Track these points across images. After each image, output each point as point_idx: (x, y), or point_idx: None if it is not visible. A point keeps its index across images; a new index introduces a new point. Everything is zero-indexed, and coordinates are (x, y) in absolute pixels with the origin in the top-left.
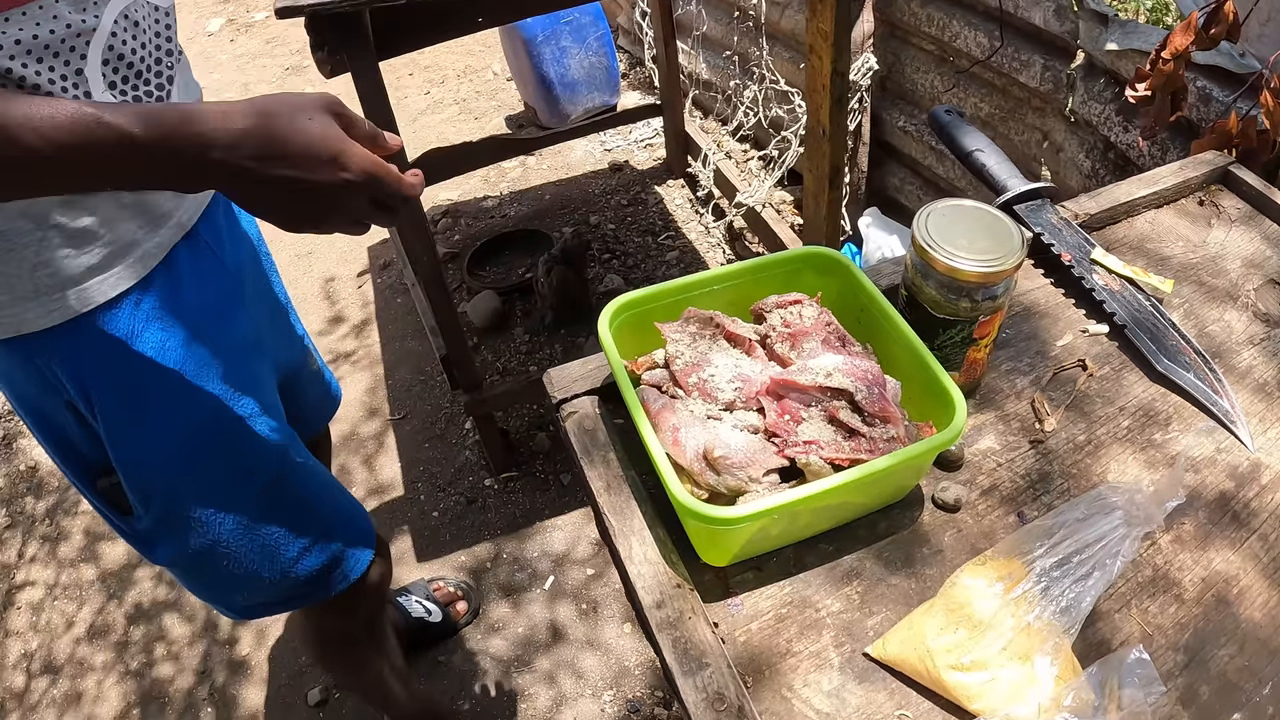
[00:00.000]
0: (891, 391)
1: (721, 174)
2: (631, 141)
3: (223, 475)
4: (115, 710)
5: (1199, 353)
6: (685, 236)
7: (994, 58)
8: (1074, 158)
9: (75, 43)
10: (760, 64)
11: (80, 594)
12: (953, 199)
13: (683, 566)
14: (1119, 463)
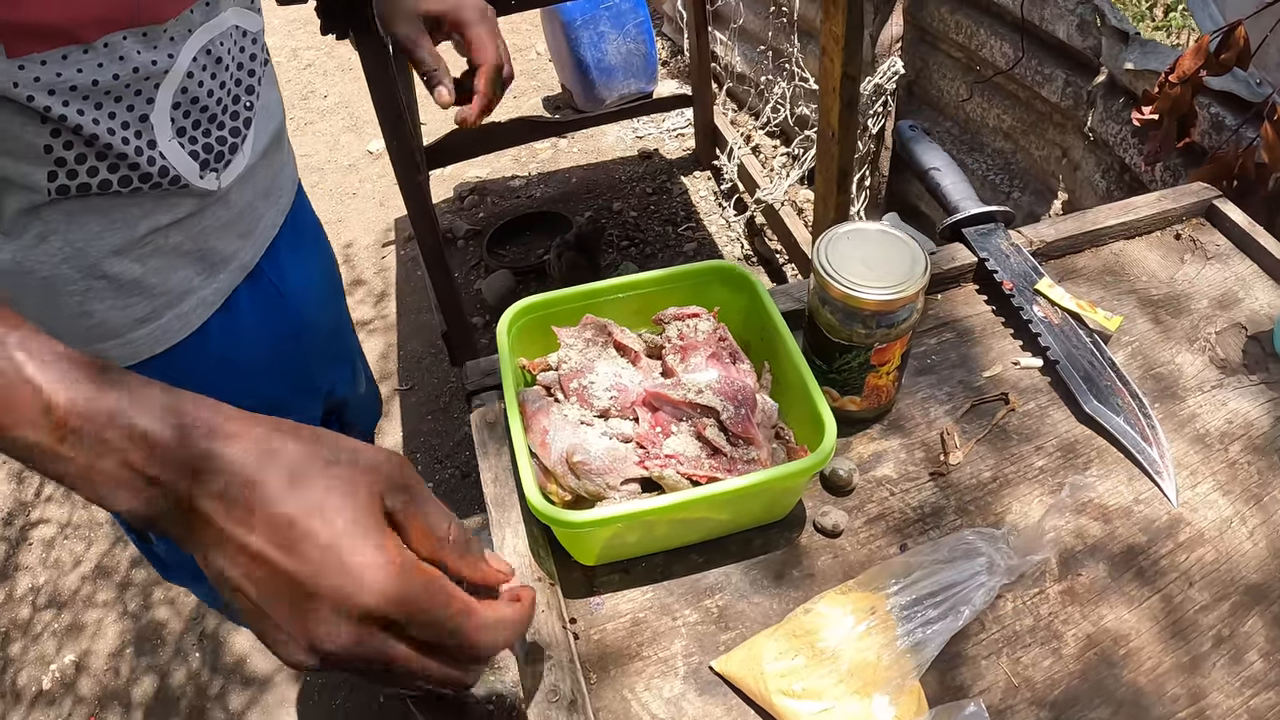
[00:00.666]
0: (760, 413)
1: (745, 168)
2: (663, 130)
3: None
4: (111, 646)
5: (1136, 396)
6: (706, 229)
7: (1018, 70)
8: (1090, 177)
9: (142, 86)
10: (792, 61)
11: (90, 535)
12: (859, 222)
13: (551, 562)
14: (1022, 504)
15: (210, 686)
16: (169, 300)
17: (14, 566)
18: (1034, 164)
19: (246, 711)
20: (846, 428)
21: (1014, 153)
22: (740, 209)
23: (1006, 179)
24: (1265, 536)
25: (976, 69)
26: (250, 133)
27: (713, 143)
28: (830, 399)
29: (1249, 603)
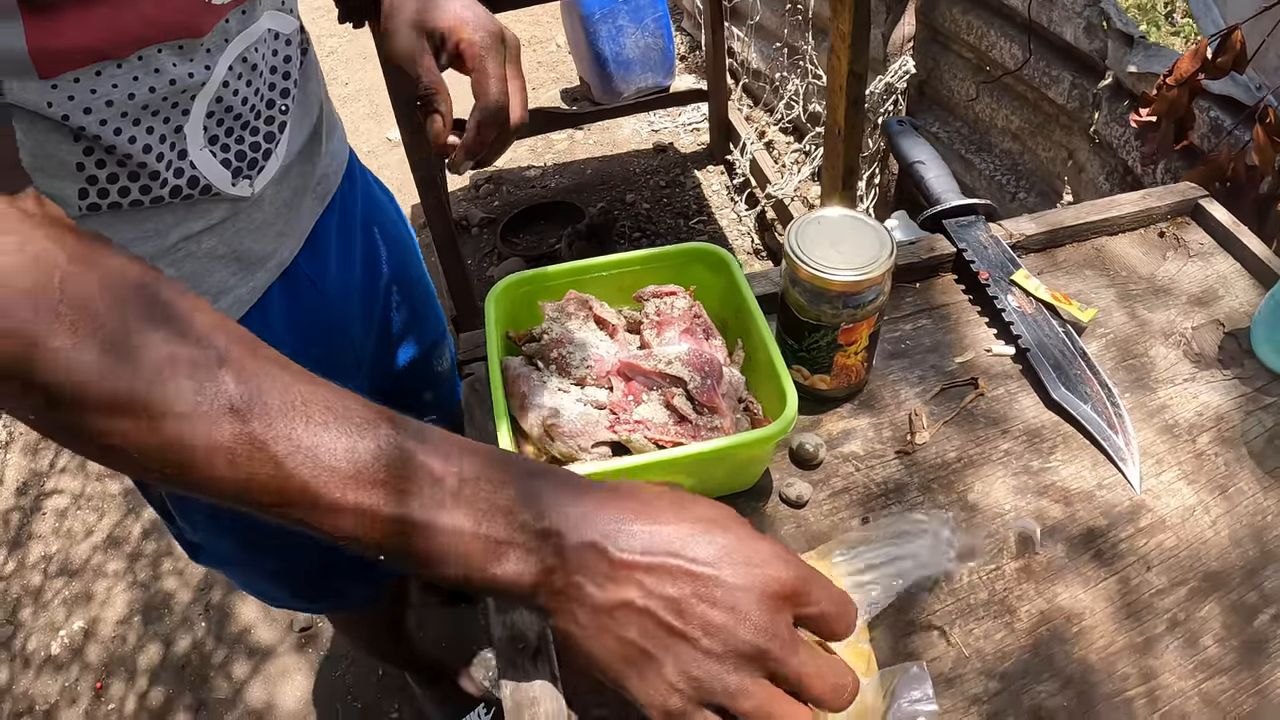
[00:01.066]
0: (726, 384)
1: (757, 163)
2: (679, 124)
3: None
4: (119, 614)
5: (1105, 385)
6: (717, 222)
7: (1026, 71)
8: (1094, 179)
9: (178, 99)
10: (806, 58)
11: (102, 506)
12: (831, 209)
13: None
14: (984, 483)
15: (214, 655)
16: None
17: (27, 535)
18: (1040, 165)
19: (249, 681)
20: (817, 406)
21: (1021, 154)
22: (752, 203)
23: (1013, 179)
24: (1228, 526)
25: (987, 70)
26: (285, 135)
27: (726, 137)
28: (801, 377)
29: (1207, 589)
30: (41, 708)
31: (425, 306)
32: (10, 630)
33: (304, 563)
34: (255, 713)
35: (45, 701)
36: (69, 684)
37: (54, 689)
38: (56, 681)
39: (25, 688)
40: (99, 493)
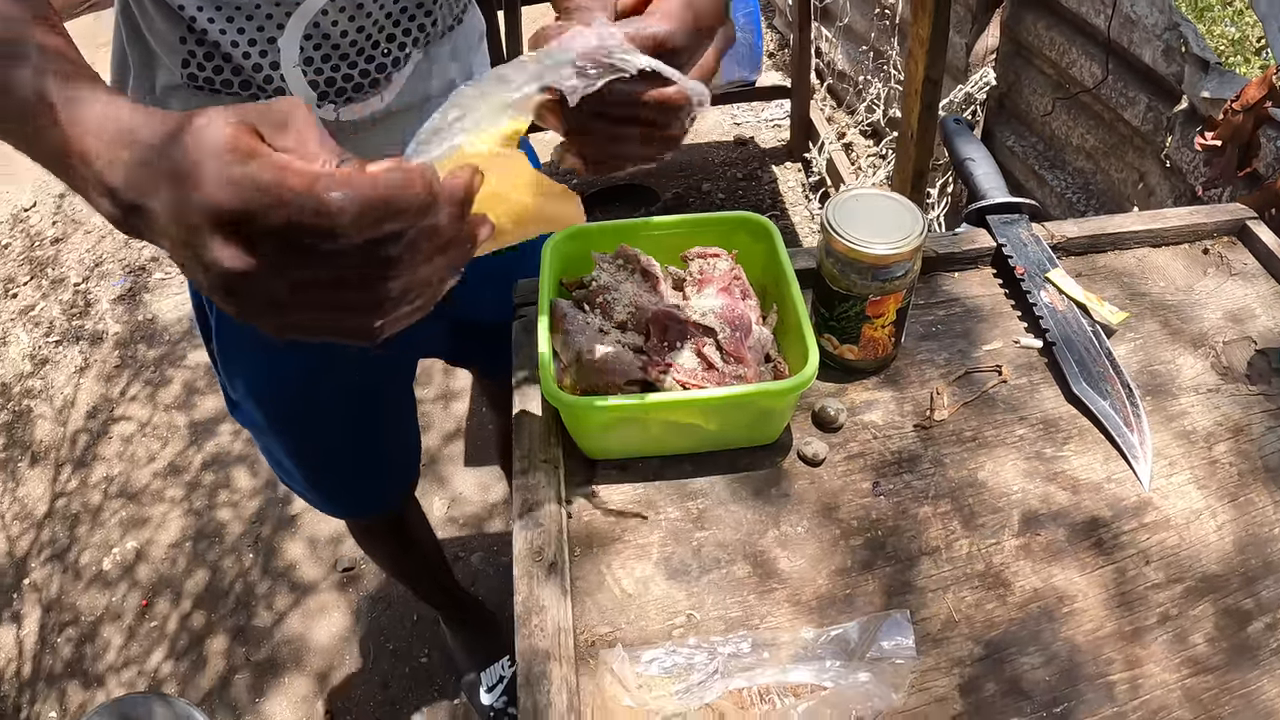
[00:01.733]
0: (754, 339)
1: (833, 164)
2: (761, 119)
3: (272, 415)
4: (172, 538)
5: (1126, 386)
6: (789, 219)
7: (1103, 90)
8: (1162, 204)
9: (273, 11)
10: (890, 62)
11: (166, 435)
12: (870, 188)
13: (559, 450)
14: (995, 463)
15: (258, 586)
16: None
17: (92, 456)
18: (1112, 186)
19: (289, 613)
20: (845, 375)
21: (1094, 173)
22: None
23: (1084, 198)
24: (1233, 533)
25: (1065, 87)
26: (392, 85)
27: (806, 136)
28: (830, 345)
29: (1203, 589)
30: (87, 620)
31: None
32: (66, 543)
33: (323, 455)
34: (290, 643)
35: (91, 614)
36: (116, 600)
37: (101, 603)
38: (104, 597)
39: (74, 599)
40: (165, 423)
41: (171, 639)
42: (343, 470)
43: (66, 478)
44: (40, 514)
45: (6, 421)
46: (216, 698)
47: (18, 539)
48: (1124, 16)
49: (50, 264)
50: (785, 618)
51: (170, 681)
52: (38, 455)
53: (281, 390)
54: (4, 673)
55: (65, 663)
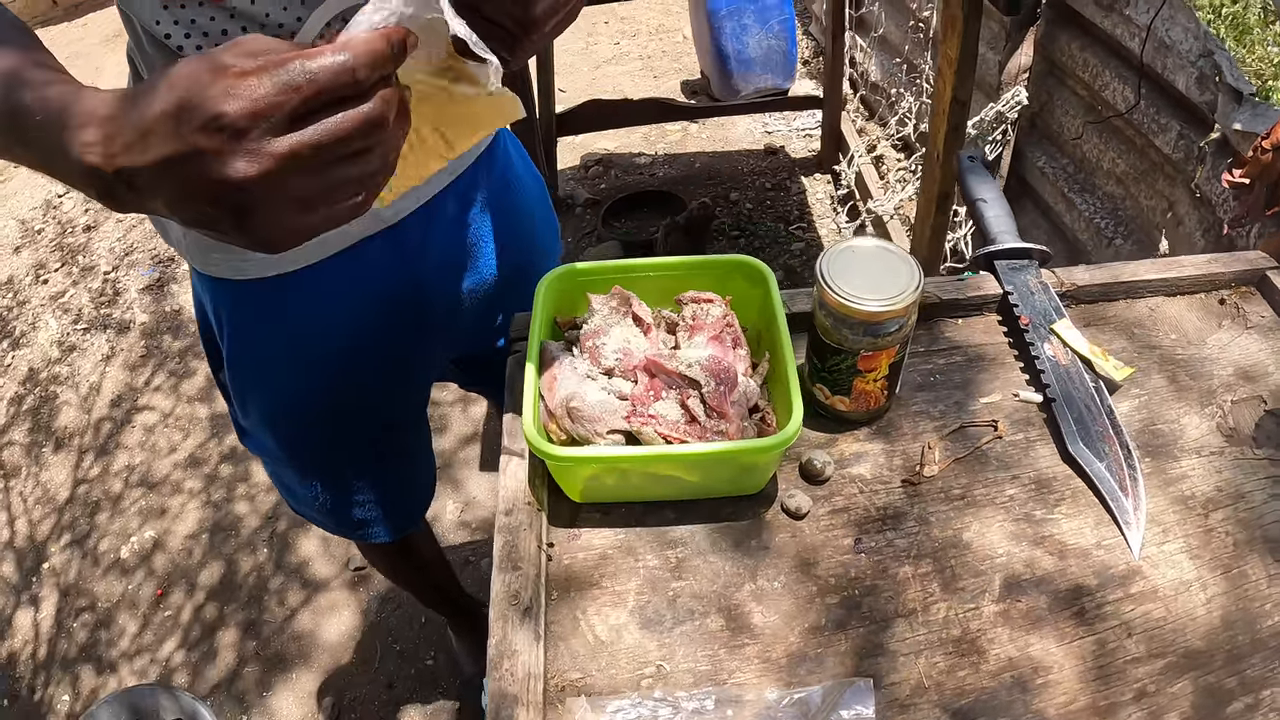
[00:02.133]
0: (739, 393)
1: (862, 177)
2: (792, 128)
3: (282, 440)
4: (189, 530)
5: (1125, 447)
6: (816, 231)
7: (1135, 115)
8: (1190, 234)
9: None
10: (923, 76)
11: (188, 427)
12: (867, 239)
13: (544, 492)
14: (982, 523)
15: (271, 580)
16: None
17: (115, 444)
18: (1141, 213)
19: (300, 609)
20: (836, 425)
21: (1123, 199)
22: (853, 216)
23: (1112, 224)
24: (1222, 607)
25: (1097, 109)
26: None
27: (837, 147)
28: (822, 395)
29: (1184, 666)
30: (103, 606)
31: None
32: (86, 530)
33: (336, 483)
34: (299, 639)
35: (108, 601)
36: (132, 588)
37: (117, 590)
38: (121, 584)
39: (91, 585)
40: (188, 414)
41: (184, 629)
42: (356, 498)
43: (89, 465)
44: (62, 499)
45: (33, 406)
46: (225, 690)
47: (39, 523)
48: (1158, 41)
49: (81, 251)
50: (754, 674)
51: (181, 671)
52: (62, 441)
53: (296, 416)
54: (21, 655)
55: (80, 648)
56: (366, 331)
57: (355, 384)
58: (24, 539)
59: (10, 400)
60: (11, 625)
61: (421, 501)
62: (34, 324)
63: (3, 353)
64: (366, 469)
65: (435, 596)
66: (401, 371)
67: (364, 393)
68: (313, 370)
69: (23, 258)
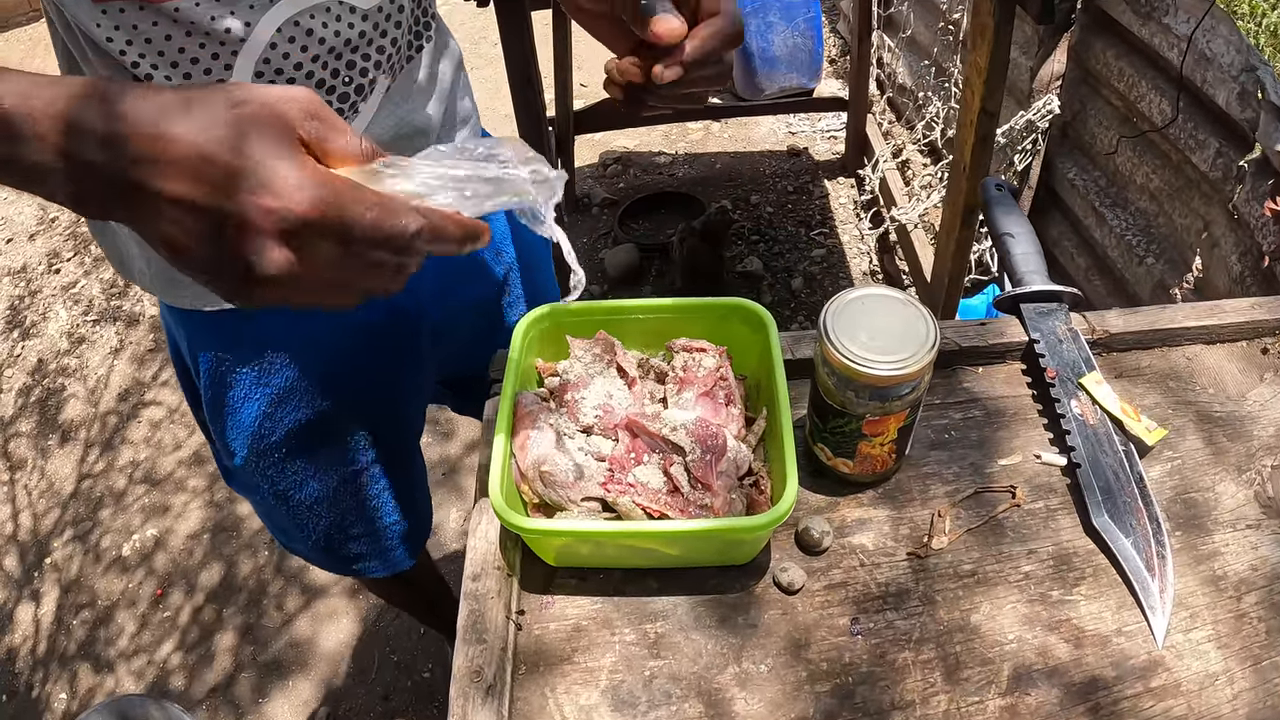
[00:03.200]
0: (728, 462)
1: (887, 182)
2: (817, 129)
3: (269, 477)
4: (191, 529)
5: (1155, 520)
6: (838, 237)
7: (1172, 130)
8: (1226, 257)
9: (219, 51)
10: (952, 80)
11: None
12: (879, 288)
13: (516, 554)
14: (993, 604)
15: (271, 585)
16: None
17: (120, 439)
18: (1174, 232)
19: (298, 615)
20: (838, 487)
21: (1156, 215)
22: (876, 223)
23: (1144, 242)
24: (1248, 704)
25: (1132, 121)
26: (360, 113)
27: (861, 151)
28: (824, 456)
29: None
30: (103, 604)
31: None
32: (89, 526)
33: (323, 521)
34: (297, 646)
35: (107, 599)
36: (132, 586)
37: (117, 588)
38: (121, 582)
39: (92, 582)
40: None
41: (182, 631)
42: (348, 534)
43: (94, 459)
44: (66, 494)
45: (40, 398)
46: (220, 695)
47: (43, 517)
48: (1199, 53)
49: (93, 241)
50: None
51: (178, 674)
52: (68, 434)
53: (277, 452)
54: (20, 651)
55: (79, 645)
56: (347, 357)
57: (339, 415)
58: (27, 533)
59: (19, 391)
60: (13, 620)
61: (418, 536)
62: (45, 314)
63: (13, 343)
64: (357, 505)
65: (432, 617)
66: (388, 400)
67: (349, 424)
68: (291, 402)
69: (37, 245)
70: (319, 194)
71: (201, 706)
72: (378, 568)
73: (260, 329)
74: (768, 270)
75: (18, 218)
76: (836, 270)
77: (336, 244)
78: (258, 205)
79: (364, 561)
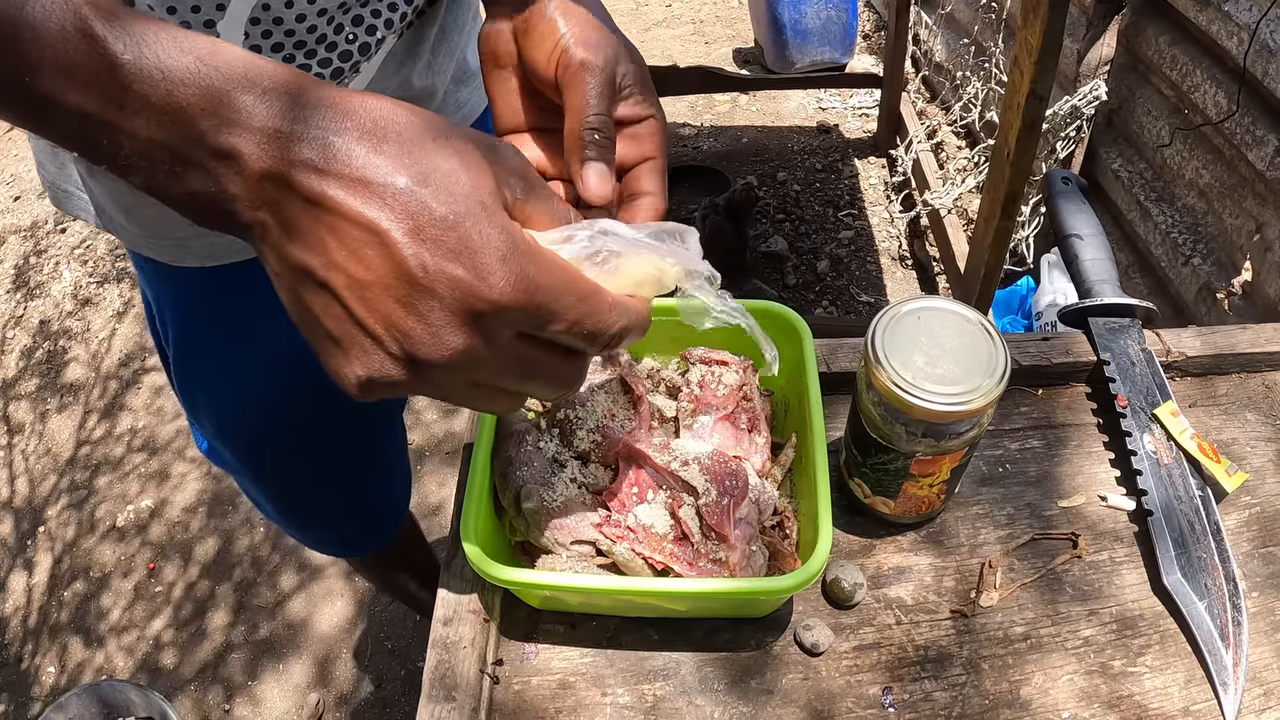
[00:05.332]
0: (748, 506)
1: (920, 165)
2: (848, 106)
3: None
4: (188, 500)
5: (1232, 580)
6: (867, 219)
7: (1228, 125)
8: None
9: None
10: (992, 60)
11: None
12: (940, 300)
13: (496, 596)
14: (1047, 674)
15: (267, 562)
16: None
17: (119, 406)
18: (1224, 232)
19: (293, 594)
20: (874, 527)
21: (1205, 213)
22: (908, 206)
23: (1190, 241)
24: None
25: (1184, 112)
26: (361, 73)
27: (894, 130)
28: (860, 493)
29: None
30: (96, 574)
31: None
32: (84, 494)
33: (303, 500)
34: (290, 626)
35: (101, 569)
36: (126, 556)
37: (111, 559)
38: (115, 553)
39: (86, 552)
40: None
41: (175, 606)
42: (325, 513)
43: (93, 425)
44: (63, 460)
45: (42, 360)
46: (211, 674)
47: (39, 483)
48: (1261, 44)
49: None
50: None
51: (168, 651)
52: (67, 399)
53: (250, 424)
54: (11, 621)
55: (70, 618)
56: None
57: (314, 385)
58: (23, 499)
59: (21, 352)
60: (4, 589)
61: (395, 514)
62: (51, 274)
63: (17, 304)
64: (334, 481)
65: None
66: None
67: (324, 396)
68: (265, 371)
69: (46, 203)
70: (533, 280)
71: (190, 686)
72: (353, 549)
73: (233, 289)
74: (793, 251)
75: (26, 175)
76: (864, 253)
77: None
78: (455, 280)
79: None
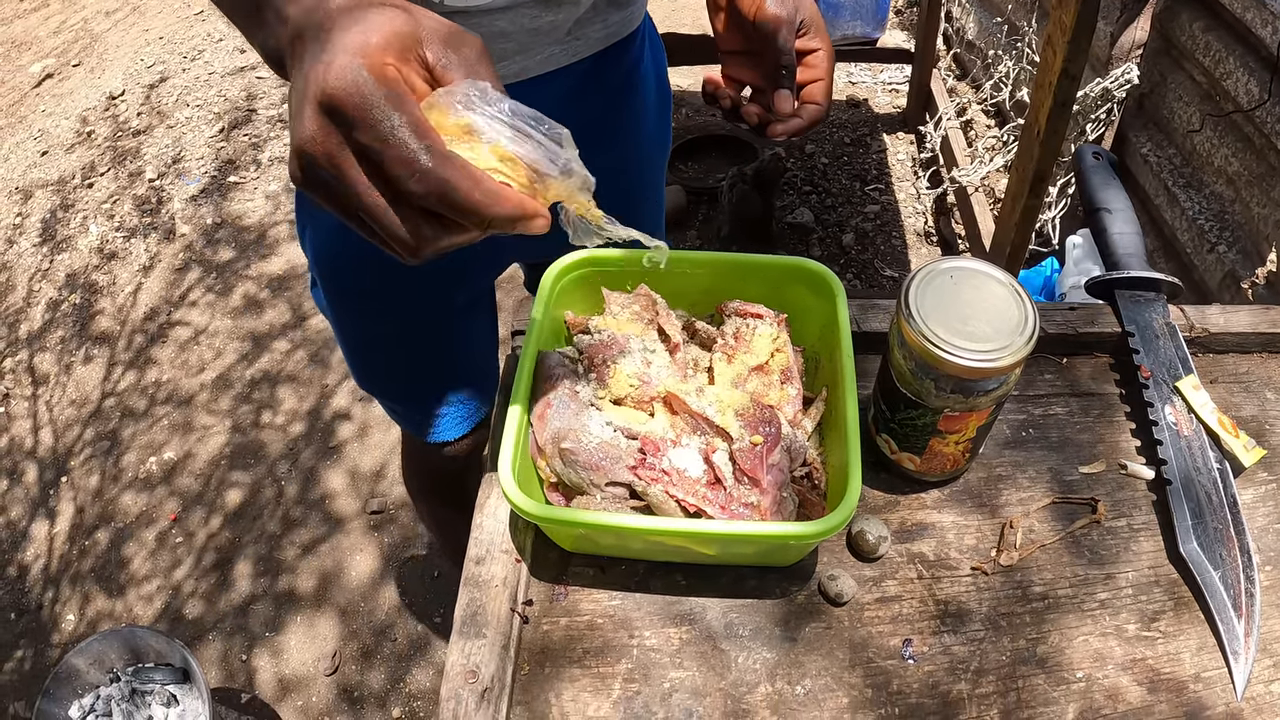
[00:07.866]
0: (780, 453)
1: (949, 141)
2: (878, 81)
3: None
4: (211, 452)
5: (1246, 552)
6: (893, 194)
7: (1259, 113)
8: None
9: None
10: (1024, 39)
11: (221, 346)
12: (972, 261)
13: (528, 537)
14: (1063, 634)
15: (290, 514)
16: None
17: (146, 359)
18: (1251, 220)
19: (316, 546)
20: (899, 484)
21: (1233, 201)
22: (935, 182)
23: (1216, 228)
24: None
25: (1215, 99)
26: None
27: (924, 107)
28: (888, 449)
29: None
30: (119, 523)
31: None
32: (108, 445)
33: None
34: (310, 579)
35: (124, 518)
36: (150, 506)
37: (134, 509)
38: (138, 503)
39: (109, 502)
40: (223, 329)
41: (197, 555)
42: (401, 384)
43: (118, 377)
44: (87, 412)
45: (67, 313)
46: (231, 622)
47: (63, 433)
48: None
49: (130, 156)
50: None
51: (191, 601)
52: (92, 351)
53: (345, 264)
54: (33, 569)
55: (91, 566)
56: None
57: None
58: (47, 449)
59: (48, 305)
60: (27, 537)
61: (466, 412)
62: (78, 229)
63: (43, 257)
64: (411, 353)
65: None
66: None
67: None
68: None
69: (74, 157)
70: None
71: (210, 635)
72: (447, 427)
73: None
74: (819, 223)
75: (54, 130)
76: (890, 228)
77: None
78: (308, 73)
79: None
